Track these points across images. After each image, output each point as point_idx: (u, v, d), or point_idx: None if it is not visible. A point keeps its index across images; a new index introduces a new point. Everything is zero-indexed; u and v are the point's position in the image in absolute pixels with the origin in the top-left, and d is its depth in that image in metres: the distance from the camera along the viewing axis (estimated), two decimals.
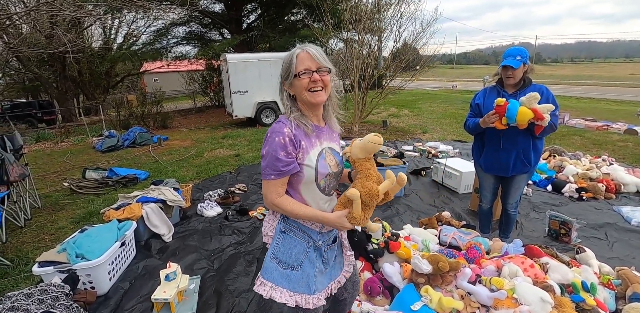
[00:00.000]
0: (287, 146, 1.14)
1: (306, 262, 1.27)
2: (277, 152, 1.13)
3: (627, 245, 2.81)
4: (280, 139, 1.14)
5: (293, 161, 1.16)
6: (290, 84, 1.19)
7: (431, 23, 7.65)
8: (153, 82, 28.08)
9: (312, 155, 1.19)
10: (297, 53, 1.16)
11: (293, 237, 1.27)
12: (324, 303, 1.30)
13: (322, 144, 1.25)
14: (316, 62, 1.15)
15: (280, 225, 1.28)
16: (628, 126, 7.35)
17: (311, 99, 1.17)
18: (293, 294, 1.24)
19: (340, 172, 1.31)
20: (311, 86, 1.16)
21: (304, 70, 1.14)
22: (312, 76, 1.15)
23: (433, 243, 2.56)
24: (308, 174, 1.19)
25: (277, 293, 1.24)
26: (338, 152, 1.32)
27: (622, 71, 43.93)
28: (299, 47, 1.19)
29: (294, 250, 1.26)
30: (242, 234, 3.16)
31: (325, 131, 1.29)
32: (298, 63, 1.15)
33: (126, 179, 4.88)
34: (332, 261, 1.41)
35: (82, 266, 2.18)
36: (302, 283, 1.26)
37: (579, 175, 4.09)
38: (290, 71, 1.16)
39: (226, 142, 7.62)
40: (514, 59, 2.23)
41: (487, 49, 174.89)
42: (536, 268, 1.95)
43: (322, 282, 1.35)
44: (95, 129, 10.36)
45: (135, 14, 13.64)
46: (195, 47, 16.01)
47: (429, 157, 5.62)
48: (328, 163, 1.23)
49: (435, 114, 10.63)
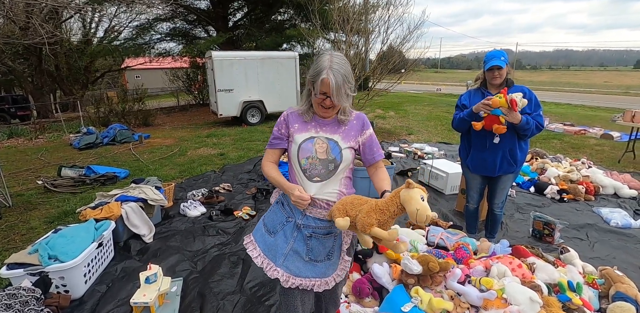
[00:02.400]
0: (281, 124, 1.43)
1: (281, 233, 1.42)
2: (275, 128, 1.45)
3: (607, 245, 2.88)
4: (280, 118, 1.44)
5: (282, 138, 1.43)
6: (311, 87, 1.33)
7: (418, 26, 7.74)
8: (135, 78, 27.36)
9: (301, 136, 1.37)
10: (323, 78, 1.25)
11: (279, 207, 1.48)
12: (282, 280, 1.35)
13: (319, 133, 1.38)
14: (328, 90, 1.27)
15: (280, 197, 1.52)
16: (604, 131, 7.63)
17: (320, 113, 1.38)
18: (262, 255, 1.42)
19: (331, 162, 1.35)
20: (322, 104, 1.32)
21: (321, 92, 1.29)
22: (325, 100, 1.30)
23: (421, 244, 2.55)
24: (293, 149, 1.39)
25: (252, 247, 1.48)
26: (335, 141, 1.36)
27: (597, 79, 45.81)
28: (328, 70, 1.24)
29: (274, 218, 1.47)
30: (226, 235, 3.08)
31: (329, 124, 1.40)
32: (321, 85, 1.27)
33: (105, 177, 4.69)
34: (324, 258, 1.40)
35: (55, 268, 2.05)
36: (272, 249, 1.41)
37: (560, 177, 4.19)
38: (315, 85, 1.29)
39: (210, 141, 7.46)
40: (499, 59, 2.26)
41: (470, 54, 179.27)
42: (524, 268, 1.96)
43: (301, 269, 1.37)
44: (72, 126, 9.96)
45: (117, 8, 13.25)
46: (180, 44, 15.69)
47: (415, 158, 5.65)
48: (315, 148, 1.35)
49: (421, 116, 10.76)
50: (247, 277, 2.37)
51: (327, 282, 1.40)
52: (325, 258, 1.40)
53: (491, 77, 2.34)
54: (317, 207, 1.39)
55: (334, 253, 1.42)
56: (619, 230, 3.13)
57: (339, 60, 1.28)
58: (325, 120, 1.40)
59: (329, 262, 1.41)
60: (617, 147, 6.28)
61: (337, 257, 1.44)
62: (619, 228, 3.17)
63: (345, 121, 1.40)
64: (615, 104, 16.50)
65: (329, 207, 1.39)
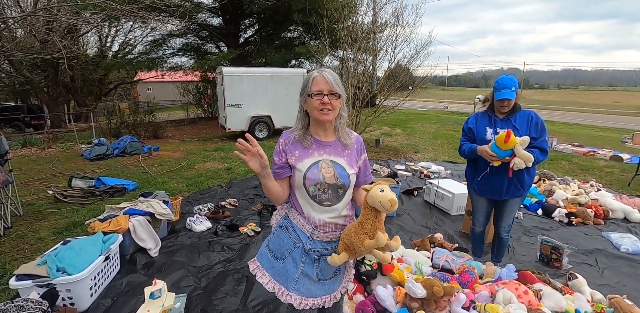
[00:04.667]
0: (280, 153, 1.37)
1: (289, 259, 1.39)
2: (273, 157, 1.39)
3: (617, 271, 2.82)
4: (277, 147, 1.39)
5: (284, 167, 1.36)
6: (305, 101, 1.33)
7: (425, 46, 7.89)
8: (147, 91, 28.00)
9: (305, 162, 1.34)
10: (315, 76, 1.30)
11: (285, 233, 1.42)
12: (296, 305, 1.35)
13: (322, 156, 1.36)
14: (329, 86, 1.28)
15: (282, 221, 1.46)
16: (614, 153, 7.56)
17: (319, 117, 1.31)
18: (272, 281, 1.41)
19: (340, 187, 1.35)
20: (321, 107, 1.29)
21: (316, 91, 1.28)
22: (322, 99, 1.27)
23: (426, 266, 2.53)
24: (298, 178, 1.34)
25: (260, 274, 1.44)
26: (341, 166, 1.36)
27: (606, 99, 45.75)
28: (318, 70, 1.31)
29: (281, 244, 1.43)
30: (231, 251, 3.08)
31: (332, 145, 1.39)
32: (313, 84, 1.29)
33: (114, 189, 4.76)
34: (332, 275, 1.42)
35: (62, 281, 2.08)
36: (282, 275, 1.40)
37: (568, 200, 4.16)
38: (306, 90, 1.31)
39: (218, 155, 7.55)
40: (510, 90, 2.29)
41: (477, 72, 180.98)
42: (530, 294, 1.93)
43: (311, 290, 1.38)
44: (84, 136, 10.17)
45: (132, 24, 13.75)
46: (191, 59, 16.11)
47: (421, 177, 5.65)
48: (322, 174, 1.32)
49: (427, 134, 10.79)
50: (251, 295, 2.37)
51: (335, 295, 1.44)
52: (332, 276, 1.43)
53: (500, 106, 2.38)
54: (325, 232, 1.38)
55: (340, 269, 1.45)
56: (630, 256, 3.08)
57: (328, 70, 1.33)
58: (327, 142, 1.38)
59: (336, 278, 1.44)
60: (627, 170, 6.21)
61: (343, 272, 1.47)
62: (629, 254, 3.12)
63: (349, 145, 1.40)
64: (625, 124, 16.39)
65: (337, 229, 1.40)
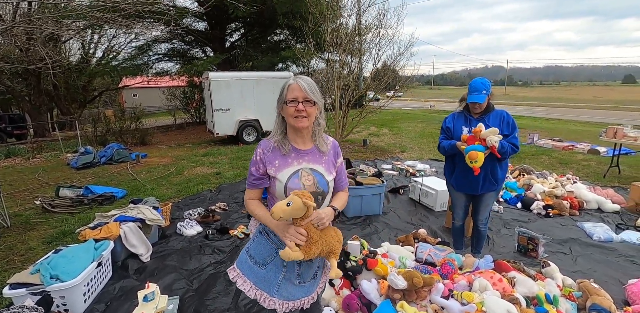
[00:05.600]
0: (258, 163, 1.37)
1: (271, 265, 1.41)
2: (250, 167, 1.40)
3: (589, 259, 2.99)
4: (255, 157, 1.38)
5: (262, 178, 1.38)
6: (281, 108, 1.35)
7: (408, 47, 8.08)
8: (132, 97, 27.75)
9: (285, 172, 1.34)
10: (290, 83, 1.33)
11: (266, 238, 1.43)
12: (279, 310, 1.39)
13: (301, 164, 1.37)
14: (304, 94, 1.29)
15: (261, 226, 1.45)
16: (591, 146, 7.86)
17: (295, 124, 1.32)
18: (254, 287, 1.41)
19: (320, 194, 1.36)
20: (296, 114, 1.30)
21: (291, 99, 1.30)
22: (297, 106, 1.29)
23: (410, 260, 2.64)
24: (278, 188, 1.35)
25: (241, 281, 1.43)
26: (321, 174, 1.38)
27: (586, 94, 47.03)
28: (294, 78, 1.34)
29: (262, 250, 1.43)
30: (222, 253, 3.16)
31: (309, 153, 1.40)
32: (288, 92, 1.31)
33: (103, 197, 4.77)
34: (311, 278, 1.47)
35: (56, 288, 2.13)
36: (264, 282, 1.40)
37: (545, 193, 4.34)
38: (282, 97, 1.33)
39: (207, 160, 7.59)
40: (480, 93, 2.43)
41: (463, 71, 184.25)
42: (504, 282, 2.07)
43: (292, 293, 1.42)
44: (69, 145, 10.07)
45: (116, 30, 13.66)
46: (177, 64, 16.06)
47: (407, 176, 5.79)
48: (302, 182, 1.34)
49: (414, 133, 11.00)
50: (242, 295, 2.45)
51: (312, 297, 1.50)
52: (312, 278, 1.48)
53: (472, 107, 2.53)
54: None
55: (319, 271, 1.52)
56: (601, 244, 3.26)
57: (304, 77, 1.34)
58: (305, 150, 1.39)
59: (315, 280, 1.50)
60: (604, 162, 6.47)
61: (321, 273, 1.54)
62: (601, 242, 3.29)
63: (326, 152, 1.42)
64: (604, 118, 16.91)
65: None
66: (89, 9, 4.47)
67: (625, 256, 3.03)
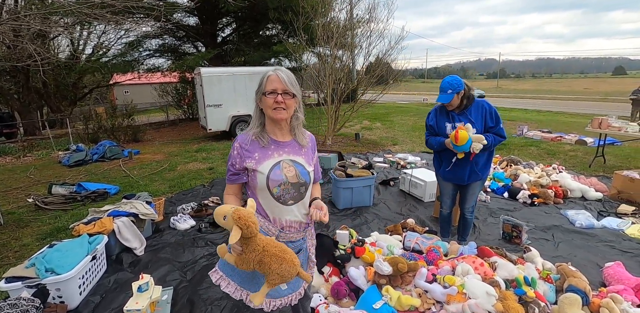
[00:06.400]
0: (235, 158, 1.36)
1: None
2: (228, 163, 1.39)
3: (570, 244, 3.11)
4: (232, 152, 1.38)
5: (238, 173, 1.38)
6: (260, 100, 1.35)
7: (399, 41, 8.12)
8: (123, 94, 27.45)
9: (265, 164, 1.33)
10: (269, 75, 1.31)
11: None
12: (266, 309, 1.39)
13: (282, 156, 1.37)
14: (283, 86, 1.29)
15: None
16: (579, 137, 8.01)
17: (273, 116, 1.33)
18: (239, 288, 1.41)
19: (302, 184, 1.39)
20: (275, 106, 1.30)
21: (270, 90, 1.29)
22: (276, 97, 1.29)
23: (397, 248, 2.73)
24: (260, 180, 1.33)
25: (225, 283, 1.43)
26: (301, 165, 1.40)
27: (577, 86, 47.47)
28: (273, 69, 1.33)
29: None
30: (215, 245, 3.22)
31: (289, 145, 1.40)
32: (267, 83, 1.30)
33: (96, 194, 4.79)
34: None
35: (51, 280, 2.18)
36: (249, 281, 1.40)
37: (531, 182, 4.45)
38: (261, 88, 1.33)
39: (200, 156, 7.61)
40: (445, 93, 2.49)
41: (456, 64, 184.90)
42: (485, 266, 2.16)
43: (278, 290, 1.41)
44: (61, 143, 10.00)
45: (105, 26, 13.47)
46: (169, 60, 15.91)
47: (398, 168, 5.88)
48: (285, 174, 1.34)
49: (406, 127, 11.09)
50: None
51: (299, 292, 1.51)
52: None
53: (446, 106, 2.60)
54: (290, 232, 1.41)
55: (304, 266, 1.51)
56: (583, 230, 3.37)
57: (283, 69, 1.33)
58: (284, 142, 1.40)
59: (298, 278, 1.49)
60: (590, 152, 6.61)
61: (306, 268, 1.55)
62: (582, 228, 3.41)
63: (305, 145, 1.44)
64: (594, 110, 17.16)
65: (300, 228, 1.44)
66: (76, 5, 4.44)
67: (605, 241, 3.15)
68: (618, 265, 2.49)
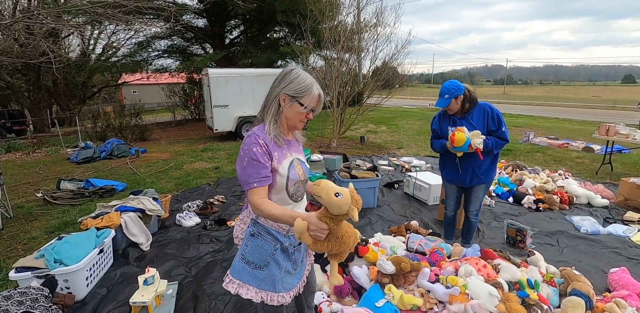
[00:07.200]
0: (264, 155, 1.27)
1: (272, 263, 1.38)
2: (255, 161, 1.25)
3: (575, 250, 3.09)
4: (258, 149, 1.26)
5: (269, 170, 1.29)
6: (290, 104, 1.32)
7: (405, 45, 8.16)
8: (132, 93, 27.74)
9: (284, 164, 1.33)
10: (318, 92, 1.34)
11: (261, 239, 1.38)
12: (287, 301, 1.42)
13: (292, 155, 1.40)
14: (318, 106, 1.37)
15: (250, 228, 1.40)
16: (586, 144, 7.96)
17: (296, 126, 1.39)
18: (259, 291, 1.38)
19: (305, 181, 1.45)
20: (304, 120, 1.37)
21: (312, 108, 1.34)
22: (308, 114, 1.35)
23: (400, 250, 2.74)
24: (280, 181, 1.33)
25: (244, 290, 1.39)
26: (304, 162, 1.48)
27: (586, 93, 47.14)
28: (318, 86, 1.34)
29: (261, 252, 1.38)
30: (220, 242, 3.25)
31: (293, 143, 1.45)
32: (312, 99, 1.32)
33: (103, 190, 4.86)
34: (300, 262, 1.53)
35: (60, 271, 2.22)
36: (268, 281, 1.38)
37: (536, 187, 4.44)
38: (301, 97, 1.31)
39: (206, 155, 7.67)
40: (443, 98, 2.51)
41: (462, 69, 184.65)
42: (488, 268, 2.16)
43: (291, 282, 1.46)
44: (69, 140, 10.15)
45: (116, 26, 13.67)
46: (177, 61, 16.09)
47: (402, 171, 5.88)
48: (297, 172, 1.38)
49: (412, 131, 11.08)
50: None
51: (304, 280, 1.56)
52: (300, 263, 1.53)
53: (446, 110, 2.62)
54: None
55: (304, 255, 1.57)
56: (588, 236, 3.36)
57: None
58: (290, 141, 1.43)
59: (302, 264, 1.56)
60: (597, 159, 6.56)
61: (306, 256, 1.59)
62: (588, 234, 3.39)
63: (300, 140, 1.50)
64: (602, 117, 17.00)
65: None
66: (90, 4, 4.53)
67: (610, 247, 3.13)
68: (623, 271, 2.48)
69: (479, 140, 2.41)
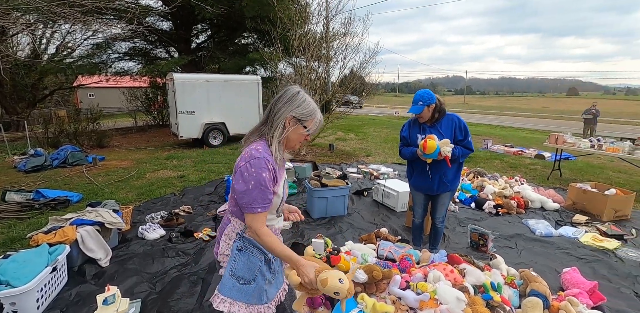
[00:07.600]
0: (272, 181, 1.29)
1: (259, 275, 1.41)
2: (264, 182, 1.25)
3: (531, 252, 3.30)
4: (267, 174, 1.26)
5: (273, 195, 1.32)
6: (294, 127, 1.34)
7: (373, 55, 8.40)
8: (88, 97, 26.17)
9: (281, 185, 1.38)
10: (321, 118, 1.38)
11: (249, 253, 1.39)
12: (273, 311, 1.47)
13: (284, 174, 1.45)
14: (317, 130, 1.43)
15: (237, 243, 1.39)
16: (538, 152, 8.57)
17: (294, 147, 1.43)
18: (247, 306, 1.39)
19: None
20: (303, 142, 1.43)
21: (313, 131, 1.40)
22: (307, 136, 1.40)
23: (371, 257, 2.77)
24: (276, 202, 1.37)
25: (236, 308, 1.37)
26: (287, 179, 1.53)
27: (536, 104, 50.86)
28: (320, 112, 1.38)
29: (250, 266, 1.38)
30: (186, 256, 3.12)
31: (284, 162, 1.47)
32: (314, 125, 1.37)
33: (56, 202, 4.51)
34: (277, 272, 1.55)
35: (6, 294, 2.02)
36: (255, 295, 1.40)
37: (495, 193, 4.69)
38: (307, 121, 1.34)
39: (170, 163, 7.38)
40: (416, 105, 2.62)
41: (426, 79, 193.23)
42: (455, 273, 2.24)
43: (272, 292, 1.50)
44: (17, 147, 9.36)
45: (72, 26, 12.90)
46: (139, 64, 15.45)
47: (371, 179, 5.99)
48: (285, 190, 1.46)
49: (379, 139, 11.35)
50: (207, 295, 2.45)
51: (284, 288, 1.59)
52: (278, 273, 1.56)
53: (417, 117, 2.73)
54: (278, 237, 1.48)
55: (281, 264, 1.58)
56: (542, 238, 3.59)
57: None
58: (285, 160, 1.47)
59: (280, 273, 1.58)
60: (548, 166, 7.07)
61: (281, 264, 1.59)
62: (542, 237, 3.63)
63: (286, 158, 1.50)
64: (551, 127, 18.40)
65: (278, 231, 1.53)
66: (45, 3, 4.25)
67: (562, 249, 3.36)
68: (574, 271, 2.68)
69: (448, 148, 2.52)
